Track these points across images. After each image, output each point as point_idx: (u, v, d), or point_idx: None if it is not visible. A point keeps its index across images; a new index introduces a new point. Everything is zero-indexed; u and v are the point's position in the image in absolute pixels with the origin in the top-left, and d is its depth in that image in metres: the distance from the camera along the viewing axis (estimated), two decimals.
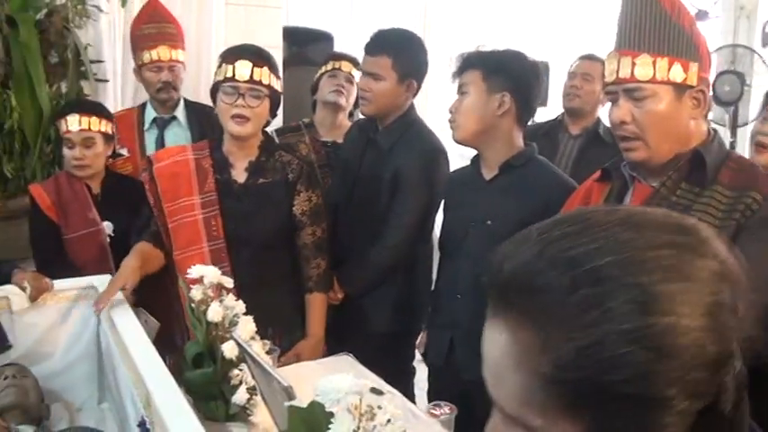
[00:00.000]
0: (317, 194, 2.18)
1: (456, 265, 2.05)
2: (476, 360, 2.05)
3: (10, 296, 1.96)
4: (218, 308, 1.65)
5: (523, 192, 1.91)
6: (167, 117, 2.74)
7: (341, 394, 1.33)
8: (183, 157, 2.15)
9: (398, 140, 2.35)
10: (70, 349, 2.04)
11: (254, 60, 2.04)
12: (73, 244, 2.33)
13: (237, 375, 1.63)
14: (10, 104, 2.65)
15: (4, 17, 2.65)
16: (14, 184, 2.75)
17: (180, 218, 2.10)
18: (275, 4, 3.65)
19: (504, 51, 1.96)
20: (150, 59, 2.67)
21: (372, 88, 2.31)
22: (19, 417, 1.79)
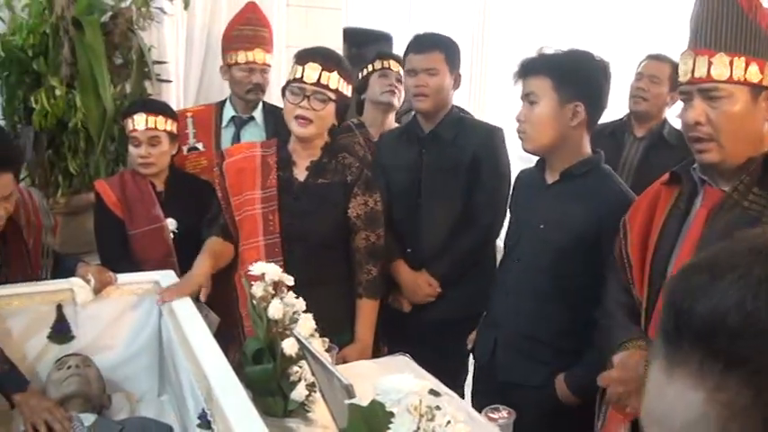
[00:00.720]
0: (375, 200, 2.18)
1: (508, 265, 2.05)
2: (513, 362, 2.03)
3: (75, 289, 2.03)
4: (279, 305, 1.67)
5: (579, 201, 1.88)
6: (246, 117, 2.78)
7: (401, 394, 1.33)
8: (251, 153, 2.22)
9: (459, 130, 2.43)
10: (132, 341, 2.10)
11: (323, 64, 2.07)
12: (137, 240, 2.38)
13: (297, 372, 1.64)
14: (75, 104, 2.72)
15: (70, 19, 2.73)
16: (79, 181, 2.83)
17: (243, 211, 2.17)
18: (335, 5, 3.68)
19: (573, 55, 1.90)
20: (246, 60, 2.72)
21: (429, 83, 2.38)
22: (81, 405, 1.85)
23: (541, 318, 1.93)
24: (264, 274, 1.71)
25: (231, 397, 1.44)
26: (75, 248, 2.53)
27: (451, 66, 2.42)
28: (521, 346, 1.97)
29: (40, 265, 2.11)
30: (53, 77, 2.70)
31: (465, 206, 2.42)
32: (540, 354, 1.94)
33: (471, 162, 2.39)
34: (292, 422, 1.69)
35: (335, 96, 2.08)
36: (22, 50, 2.75)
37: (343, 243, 2.18)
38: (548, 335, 1.93)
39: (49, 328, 2.04)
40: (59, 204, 2.72)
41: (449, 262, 2.42)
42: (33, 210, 2.12)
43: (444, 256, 2.42)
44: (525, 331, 1.96)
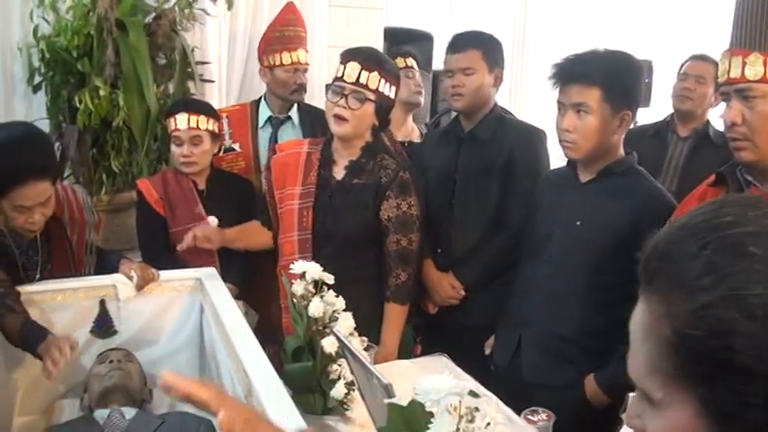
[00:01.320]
0: (409, 204, 2.15)
1: (535, 264, 2.02)
2: (539, 362, 1.99)
3: (117, 285, 2.07)
4: (320, 303, 1.67)
5: (617, 200, 1.87)
6: (282, 117, 2.80)
7: (441, 395, 1.32)
8: (298, 150, 2.27)
9: (498, 129, 2.38)
10: (174, 337, 2.14)
11: (363, 63, 2.07)
12: (178, 237, 2.40)
13: (336, 370, 1.65)
14: (118, 104, 2.78)
15: (114, 21, 2.78)
16: (122, 179, 2.89)
17: (284, 205, 2.22)
18: (377, 5, 3.69)
19: (620, 61, 1.87)
20: (290, 61, 2.74)
21: (465, 83, 2.34)
22: (122, 399, 1.88)
23: (572, 316, 1.91)
24: (305, 272, 1.72)
25: (271, 394, 1.45)
26: (117, 245, 2.59)
27: (490, 64, 2.36)
28: (548, 345, 1.95)
29: (83, 262, 2.16)
30: (97, 78, 2.76)
31: (498, 208, 2.37)
32: (569, 353, 1.92)
33: (506, 163, 2.33)
34: (330, 420, 1.70)
35: (375, 96, 2.08)
36: (67, 51, 2.82)
37: (373, 244, 2.18)
38: (578, 334, 1.90)
39: (92, 323, 2.09)
40: (102, 202, 2.78)
41: (478, 265, 2.37)
42: (77, 207, 2.16)
43: (474, 259, 2.38)
44: (554, 330, 1.94)
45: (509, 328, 2.09)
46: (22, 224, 1.90)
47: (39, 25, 2.89)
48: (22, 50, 2.93)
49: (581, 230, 1.91)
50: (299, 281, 1.73)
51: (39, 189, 1.87)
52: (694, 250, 0.60)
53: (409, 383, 1.42)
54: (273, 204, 2.26)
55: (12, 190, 1.83)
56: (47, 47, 2.86)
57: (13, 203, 1.86)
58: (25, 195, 1.85)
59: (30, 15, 2.88)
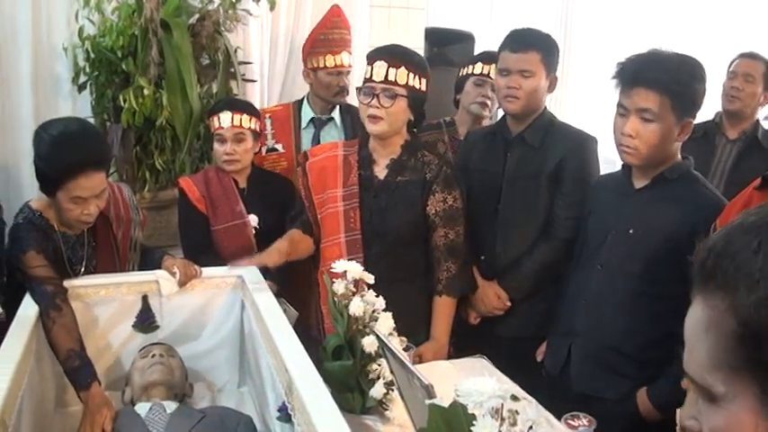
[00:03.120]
0: (455, 197, 2.16)
1: (587, 271, 1.98)
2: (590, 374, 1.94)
3: (160, 280, 2.11)
4: (360, 302, 1.68)
5: (673, 206, 1.82)
6: (325, 118, 2.81)
7: (484, 397, 1.32)
8: (333, 153, 2.25)
9: (547, 135, 2.28)
10: (215, 333, 2.17)
11: (389, 60, 2.07)
12: (220, 235, 2.44)
13: (376, 370, 1.65)
14: (162, 103, 2.82)
15: (159, 21, 2.83)
16: (165, 177, 2.94)
17: (326, 208, 2.20)
18: (418, 5, 3.69)
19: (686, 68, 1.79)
20: (334, 64, 2.75)
21: (522, 85, 2.22)
22: (164, 393, 1.90)
23: (625, 327, 1.86)
24: (346, 271, 1.73)
25: (312, 391, 1.46)
26: (159, 242, 2.63)
27: (548, 67, 2.25)
28: (600, 356, 1.91)
29: (127, 258, 2.20)
30: (141, 77, 2.80)
31: (545, 217, 2.27)
32: (621, 365, 1.87)
33: (555, 170, 2.24)
34: (369, 419, 1.70)
35: (405, 91, 2.08)
36: (112, 51, 2.87)
37: (421, 241, 2.17)
38: (631, 345, 1.85)
39: (135, 318, 2.13)
40: (145, 199, 2.83)
41: (525, 276, 2.29)
42: (123, 204, 2.21)
43: (519, 268, 2.29)
44: (606, 341, 1.89)
45: (560, 337, 2.06)
46: (77, 216, 1.95)
47: (84, 26, 2.95)
48: (67, 50, 2.99)
49: (634, 239, 1.86)
50: (340, 280, 1.74)
51: (95, 180, 1.92)
52: (755, 245, 0.62)
53: (448, 384, 1.42)
54: (313, 211, 2.24)
55: (70, 181, 1.88)
56: (92, 47, 2.91)
57: (71, 194, 1.90)
58: (82, 186, 1.89)
59: (75, 16, 2.94)
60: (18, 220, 2.01)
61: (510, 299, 2.30)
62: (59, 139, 1.91)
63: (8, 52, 2.97)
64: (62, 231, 2.04)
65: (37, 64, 3.02)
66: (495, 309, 2.31)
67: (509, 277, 2.29)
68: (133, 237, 2.21)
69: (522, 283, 2.29)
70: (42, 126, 1.99)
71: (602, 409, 1.75)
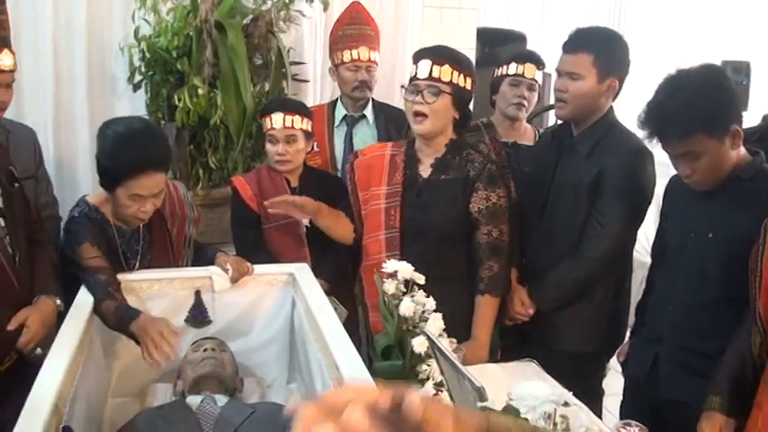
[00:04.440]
0: (498, 195, 2.15)
1: (670, 276, 1.94)
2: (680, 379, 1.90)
3: (213, 277, 2.15)
4: (410, 303, 1.68)
5: (751, 206, 1.76)
6: (357, 116, 2.84)
7: (538, 402, 1.32)
8: (381, 153, 2.30)
9: (598, 144, 2.17)
10: (265, 329, 2.19)
11: (433, 58, 2.08)
12: (271, 233, 2.47)
13: (425, 370, 1.65)
14: (216, 102, 2.87)
15: (213, 22, 2.88)
16: (218, 175, 2.99)
17: (369, 205, 2.24)
18: (470, 5, 3.68)
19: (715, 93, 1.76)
20: (350, 59, 2.78)
21: (569, 89, 2.14)
22: (215, 386, 1.93)
23: (710, 331, 1.82)
24: (397, 271, 1.73)
25: None
26: (211, 239, 2.67)
27: (602, 70, 2.12)
28: (687, 361, 1.86)
29: (181, 254, 2.24)
30: (196, 77, 2.86)
31: (581, 231, 2.17)
32: (709, 370, 1.79)
33: (594, 182, 2.13)
34: None
35: (449, 88, 2.08)
36: (167, 51, 2.93)
37: (463, 240, 2.17)
38: (717, 350, 1.78)
39: (187, 312, 2.16)
40: (198, 197, 2.88)
41: (546, 287, 2.24)
42: (178, 201, 2.25)
43: (546, 280, 2.24)
44: (692, 346, 1.85)
45: (645, 342, 2.02)
46: (134, 213, 1.99)
47: (140, 26, 3.01)
48: (123, 50, 3.06)
49: (714, 241, 1.81)
50: (391, 280, 1.75)
51: (155, 180, 1.96)
52: None
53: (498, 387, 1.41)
54: (358, 206, 2.30)
55: (130, 179, 1.93)
56: (147, 47, 2.98)
57: (130, 192, 1.95)
58: (142, 185, 1.94)
59: (131, 17, 3.01)
60: (74, 214, 2.07)
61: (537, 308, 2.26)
62: (123, 138, 1.95)
63: (65, 52, 3.06)
64: (117, 226, 2.08)
65: (93, 63, 3.11)
66: (518, 314, 2.27)
67: (535, 286, 2.27)
68: (187, 233, 2.25)
69: (545, 294, 2.25)
70: (107, 123, 2.04)
71: (693, 415, 1.72)
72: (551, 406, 1.30)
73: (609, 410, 2.74)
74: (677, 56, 4.75)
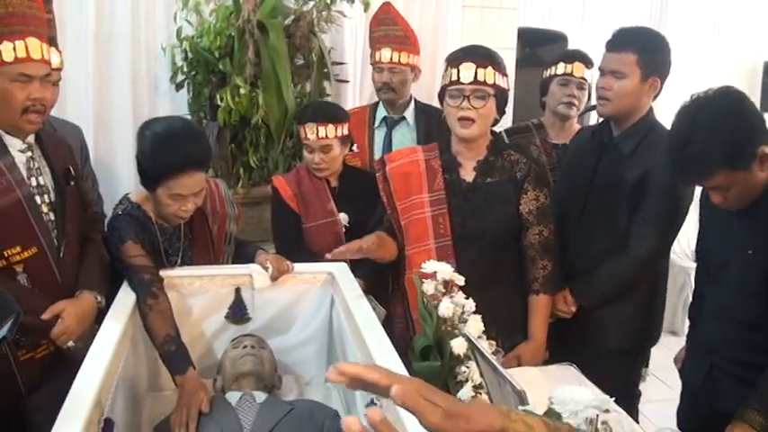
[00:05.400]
0: (545, 194, 2.15)
1: (717, 292, 1.91)
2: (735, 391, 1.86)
3: (253, 274, 2.17)
4: (450, 304, 1.67)
5: None
6: (397, 117, 2.84)
7: (580, 406, 1.30)
8: (414, 158, 2.22)
9: (641, 143, 2.18)
10: (304, 327, 2.21)
11: (476, 61, 2.06)
12: (311, 233, 2.49)
13: (464, 372, 1.64)
14: (257, 102, 2.90)
15: (256, 23, 2.91)
16: (258, 174, 3.03)
17: (411, 215, 2.18)
18: (511, 5, 3.66)
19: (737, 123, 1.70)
20: (374, 60, 2.81)
21: (613, 87, 2.16)
22: (254, 383, 1.94)
23: (756, 344, 1.79)
24: (436, 272, 1.73)
25: None
26: (251, 237, 2.70)
27: (646, 70, 2.14)
28: (743, 374, 1.82)
29: (222, 251, 2.27)
30: (238, 77, 2.89)
31: (624, 230, 2.19)
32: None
33: (638, 181, 2.14)
34: None
35: (494, 91, 2.06)
36: (209, 52, 2.98)
37: (513, 241, 2.16)
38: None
39: (227, 309, 2.19)
40: (239, 195, 2.91)
41: (592, 287, 2.25)
42: (219, 199, 2.28)
43: (590, 278, 2.24)
44: (748, 359, 1.81)
45: (700, 351, 1.99)
46: (174, 212, 2.02)
47: (182, 27, 3.07)
48: (165, 51, 3.12)
49: (755, 258, 1.77)
50: (430, 280, 1.74)
51: (195, 179, 1.99)
52: None
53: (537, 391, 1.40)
54: (396, 217, 2.20)
55: (171, 179, 1.96)
56: (190, 47, 3.03)
57: (170, 192, 1.98)
58: (183, 184, 1.97)
59: (174, 17, 3.07)
60: (117, 212, 2.10)
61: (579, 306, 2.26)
62: (163, 138, 1.98)
63: (108, 52, 3.13)
64: (159, 224, 2.11)
65: (135, 63, 3.17)
66: (560, 312, 2.27)
67: (580, 285, 2.26)
68: (228, 231, 2.28)
69: (590, 293, 2.25)
70: (146, 124, 2.07)
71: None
72: (594, 411, 1.28)
73: (647, 417, 2.71)
74: (718, 56, 4.67)
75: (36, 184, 1.90)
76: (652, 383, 3.64)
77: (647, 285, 2.28)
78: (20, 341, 1.80)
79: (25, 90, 1.79)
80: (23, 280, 1.84)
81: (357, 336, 1.77)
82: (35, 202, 1.87)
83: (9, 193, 1.81)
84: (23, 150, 1.89)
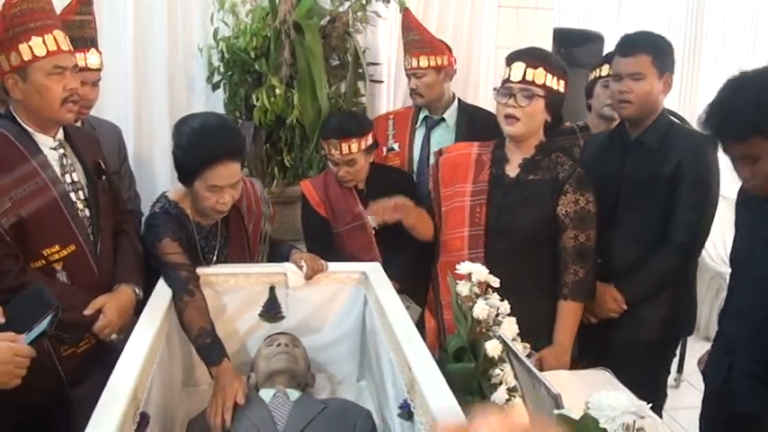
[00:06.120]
0: (587, 199, 2.12)
1: (741, 284, 1.89)
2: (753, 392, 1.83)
3: (288, 273, 2.18)
4: (484, 305, 1.67)
5: None
6: (437, 118, 2.83)
7: (617, 412, 1.28)
8: (467, 151, 2.30)
9: (666, 137, 2.26)
10: (337, 326, 2.22)
11: (527, 61, 2.07)
12: (341, 236, 2.51)
13: (498, 375, 1.63)
14: (293, 103, 2.92)
15: (292, 23, 2.93)
16: (292, 174, 3.04)
17: (452, 202, 2.23)
18: (547, 5, 3.64)
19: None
20: (405, 68, 2.82)
21: (634, 89, 2.24)
22: (287, 381, 1.96)
23: None
24: (471, 273, 1.72)
25: (434, 389, 1.47)
26: (285, 236, 2.71)
27: (660, 69, 2.25)
28: (761, 374, 1.80)
29: (257, 250, 2.30)
30: (273, 77, 2.91)
31: (664, 222, 2.24)
32: None
33: (674, 173, 2.22)
34: None
35: (543, 92, 2.07)
36: (245, 52, 3.00)
37: (548, 242, 2.15)
38: None
39: (261, 307, 2.21)
40: (273, 194, 2.93)
41: (643, 281, 2.27)
42: (255, 198, 2.30)
43: (637, 273, 2.27)
44: (764, 358, 1.79)
45: (721, 351, 1.97)
46: (212, 205, 2.04)
47: (219, 28, 3.10)
48: (202, 51, 3.15)
49: None
50: (465, 281, 1.73)
51: (231, 170, 2.01)
52: None
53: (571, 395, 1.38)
54: (438, 201, 2.28)
55: (207, 170, 1.98)
56: (226, 48, 3.06)
57: (208, 183, 2.00)
58: (219, 175, 1.99)
59: (210, 19, 3.10)
60: (155, 210, 2.13)
61: (628, 303, 2.27)
62: (199, 131, 2.01)
63: (145, 52, 3.17)
64: (196, 222, 2.14)
65: (172, 64, 3.21)
66: (611, 311, 2.28)
67: (627, 281, 2.28)
68: (263, 230, 2.30)
69: (640, 287, 2.28)
70: (182, 120, 2.11)
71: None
72: (631, 417, 1.26)
73: (680, 424, 2.67)
74: (755, 55, 4.58)
75: (70, 180, 1.93)
76: (686, 390, 3.60)
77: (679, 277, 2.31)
78: (63, 338, 1.85)
79: (61, 82, 1.83)
80: (63, 278, 1.88)
81: (391, 335, 1.77)
82: (70, 200, 1.90)
83: (45, 193, 1.84)
84: (55, 148, 1.92)
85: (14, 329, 1.51)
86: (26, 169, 1.82)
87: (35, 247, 1.83)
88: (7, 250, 1.77)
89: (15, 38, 1.78)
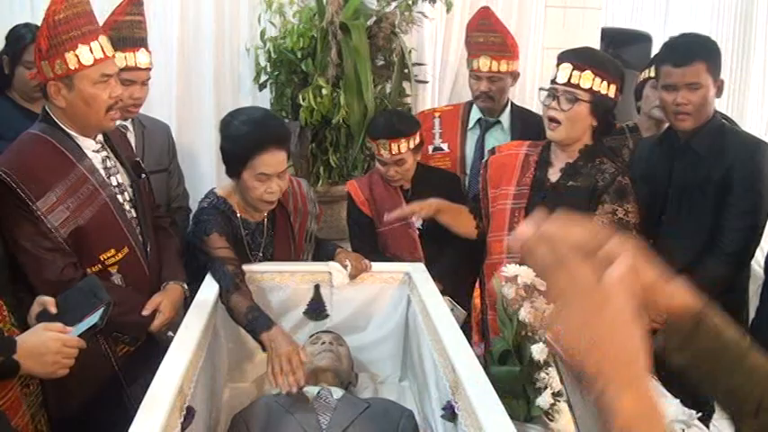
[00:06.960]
0: (626, 210, 2.04)
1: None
2: None
3: (332, 272, 2.20)
4: (530, 308, 1.65)
5: None
6: (492, 120, 2.80)
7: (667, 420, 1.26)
8: (515, 151, 2.26)
9: (716, 141, 2.19)
10: (381, 326, 2.23)
11: (574, 63, 2.02)
12: (385, 236, 2.51)
13: (543, 379, 1.62)
14: (339, 103, 2.93)
15: (338, 24, 2.94)
16: (337, 173, 3.06)
17: (497, 204, 2.22)
18: (595, 5, 3.60)
19: None
20: (472, 68, 2.75)
21: (692, 100, 2.15)
22: (331, 379, 1.97)
23: None
24: (517, 276, 1.71)
25: (479, 391, 1.46)
26: (329, 235, 2.74)
27: (714, 74, 2.17)
28: None
29: (302, 248, 2.32)
30: (320, 77, 2.93)
31: (713, 228, 2.18)
32: None
33: (723, 178, 2.15)
34: (533, 429, 1.68)
35: (588, 96, 2.01)
36: (292, 52, 3.03)
37: None
38: None
39: (306, 305, 2.23)
40: (318, 193, 2.93)
41: (695, 288, 2.19)
42: (301, 197, 2.33)
43: (690, 281, 2.18)
44: None
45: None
46: (261, 195, 2.07)
47: (266, 28, 3.13)
48: (249, 51, 3.19)
49: None
50: (510, 284, 1.72)
51: (278, 158, 2.04)
52: None
53: None
54: (486, 202, 2.27)
55: (255, 158, 2.02)
56: (273, 48, 3.08)
57: (256, 171, 2.03)
58: (266, 163, 2.02)
59: (257, 19, 3.13)
60: (203, 205, 2.16)
61: None
62: (246, 121, 2.05)
63: (192, 52, 3.23)
64: (243, 218, 2.17)
65: (219, 63, 3.26)
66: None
67: None
68: (309, 228, 2.32)
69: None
70: (229, 114, 2.15)
71: None
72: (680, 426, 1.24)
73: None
74: None
75: (115, 183, 1.95)
76: None
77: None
78: (124, 339, 1.91)
79: (107, 90, 1.83)
80: (117, 280, 1.92)
81: (434, 337, 1.77)
82: (119, 202, 1.93)
83: (96, 198, 1.86)
84: (98, 151, 1.93)
85: (65, 321, 1.55)
86: (76, 175, 1.83)
87: (92, 252, 1.86)
88: (67, 260, 1.80)
89: (61, 45, 1.75)
